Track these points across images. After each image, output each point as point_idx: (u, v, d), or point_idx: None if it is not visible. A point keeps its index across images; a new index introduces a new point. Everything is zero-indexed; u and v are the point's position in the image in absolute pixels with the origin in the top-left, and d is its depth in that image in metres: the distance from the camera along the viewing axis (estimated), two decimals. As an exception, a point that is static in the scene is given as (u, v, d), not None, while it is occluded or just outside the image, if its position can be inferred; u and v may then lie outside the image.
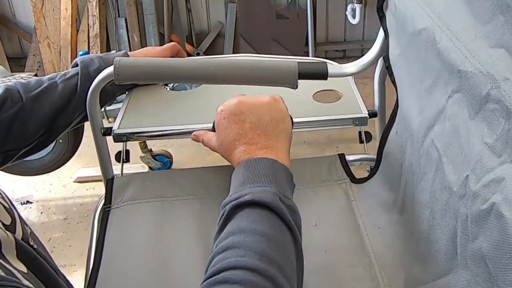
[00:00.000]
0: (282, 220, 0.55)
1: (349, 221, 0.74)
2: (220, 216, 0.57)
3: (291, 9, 2.71)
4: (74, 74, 0.82)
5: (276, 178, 0.59)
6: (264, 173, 0.59)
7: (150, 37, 2.65)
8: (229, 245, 0.52)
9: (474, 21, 0.52)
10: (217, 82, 0.76)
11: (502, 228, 0.41)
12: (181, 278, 0.67)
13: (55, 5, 2.51)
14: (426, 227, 0.60)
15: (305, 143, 2.17)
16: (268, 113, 0.66)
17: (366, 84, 1.07)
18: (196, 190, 0.79)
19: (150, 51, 0.92)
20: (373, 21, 2.77)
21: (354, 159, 0.88)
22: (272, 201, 0.55)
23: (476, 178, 0.47)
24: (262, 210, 0.55)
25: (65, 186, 2.06)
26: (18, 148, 0.78)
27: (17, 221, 0.51)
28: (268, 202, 0.55)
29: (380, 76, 0.86)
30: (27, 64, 2.68)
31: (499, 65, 0.46)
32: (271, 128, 0.65)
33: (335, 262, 0.68)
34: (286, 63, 0.73)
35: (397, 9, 0.73)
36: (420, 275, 0.61)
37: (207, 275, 0.50)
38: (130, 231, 0.74)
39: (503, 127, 0.44)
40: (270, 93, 0.70)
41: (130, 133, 0.83)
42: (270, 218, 0.55)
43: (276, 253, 0.52)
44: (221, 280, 0.48)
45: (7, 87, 0.76)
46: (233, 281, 0.47)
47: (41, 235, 1.80)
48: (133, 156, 0.91)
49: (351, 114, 0.85)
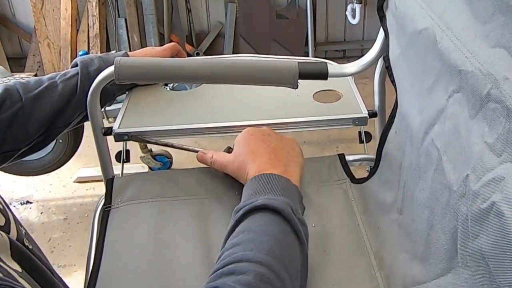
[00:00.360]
0: (291, 227, 0.57)
1: (348, 221, 0.74)
2: (232, 220, 0.59)
3: (291, 9, 2.71)
4: (74, 74, 0.82)
5: (289, 194, 0.62)
6: (277, 187, 0.62)
7: (150, 37, 2.65)
8: (238, 242, 0.54)
9: (474, 21, 0.52)
10: (217, 82, 0.76)
11: (503, 227, 0.41)
12: (181, 278, 0.67)
13: (55, 5, 2.51)
14: (426, 227, 0.60)
15: (305, 143, 2.17)
16: (289, 145, 0.73)
17: (366, 84, 1.07)
18: (196, 190, 0.79)
19: (150, 51, 0.92)
20: (373, 21, 2.77)
21: (354, 159, 0.88)
22: (284, 208, 0.57)
23: (476, 177, 0.47)
24: (273, 215, 0.57)
25: (65, 186, 2.05)
26: (17, 148, 0.78)
27: (11, 222, 0.51)
28: (280, 208, 0.57)
29: (380, 76, 0.86)
30: (27, 64, 2.68)
31: (499, 64, 0.46)
32: (289, 157, 0.70)
33: (334, 262, 0.68)
34: (287, 63, 0.73)
35: (398, 9, 0.73)
36: (420, 274, 0.61)
37: (215, 269, 0.51)
38: (130, 231, 0.74)
39: (504, 126, 0.44)
40: (270, 93, 0.71)
41: (131, 133, 0.83)
42: (280, 224, 0.56)
43: (282, 252, 0.53)
44: (228, 272, 0.49)
45: (6, 87, 0.76)
46: (239, 272, 0.49)
47: (41, 235, 1.80)
48: (133, 156, 0.91)
49: (351, 114, 0.85)
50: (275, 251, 0.52)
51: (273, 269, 0.50)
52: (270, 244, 0.53)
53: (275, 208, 0.57)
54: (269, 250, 0.52)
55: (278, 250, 0.53)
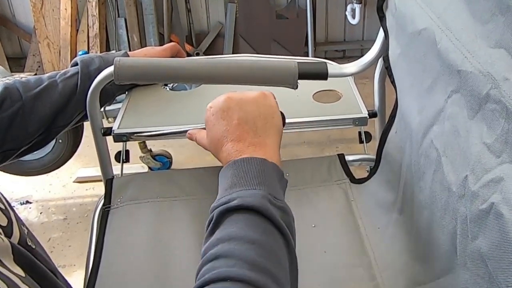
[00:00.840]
0: (272, 224, 0.53)
1: (348, 221, 0.74)
2: (209, 221, 0.55)
3: (291, 9, 2.71)
4: (74, 73, 0.82)
5: (266, 179, 0.57)
6: (253, 175, 0.57)
7: (150, 37, 2.65)
8: (218, 253, 0.50)
9: (474, 21, 0.52)
10: (217, 82, 0.76)
11: (502, 227, 0.41)
12: (180, 278, 0.67)
13: (55, 5, 2.51)
14: (426, 227, 0.60)
15: (305, 143, 2.17)
16: (256, 109, 0.64)
17: (366, 84, 1.07)
18: (195, 190, 0.79)
19: (150, 51, 0.92)
20: (372, 21, 2.77)
21: (354, 159, 0.88)
22: (262, 205, 0.53)
23: (475, 178, 0.47)
24: (251, 215, 0.53)
25: (65, 186, 2.05)
26: (17, 147, 0.77)
27: (13, 222, 0.51)
28: (257, 206, 0.53)
29: (380, 76, 0.86)
30: (27, 64, 2.68)
31: (499, 65, 0.46)
32: (260, 124, 0.63)
33: (334, 262, 0.68)
34: (286, 63, 0.73)
35: (397, 9, 0.73)
36: (420, 275, 0.61)
37: (196, 286, 0.48)
38: (130, 231, 0.74)
39: (503, 127, 0.44)
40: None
41: (130, 133, 0.83)
42: (260, 223, 0.53)
43: (267, 261, 0.50)
44: None
45: (6, 86, 0.76)
46: None
47: (41, 235, 1.80)
48: (133, 156, 0.91)
49: (351, 114, 0.85)
50: (260, 262, 0.49)
51: (259, 285, 0.47)
52: (252, 254, 0.49)
53: (250, 206, 0.53)
54: (253, 263, 0.49)
55: (263, 259, 0.50)
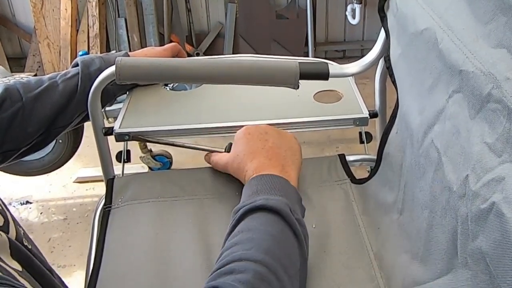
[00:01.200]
0: (290, 227, 0.57)
1: (349, 221, 0.74)
2: (232, 220, 0.59)
3: (291, 9, 2.71)
4: (75, 74, 0.82)
5: (288, 194, 0.62)
6: (277, 187, 0.62)
7: (150, 37, 2.65)
8: (237, 241, 0.54)
9: (475, 21, 0.52)
10: (217, 82, 0.76)
11: (503, 227, 0.41)
12: (181, 278, 0.67)
13: (55, 5, 2.51)
14: (426, 227, 0.60)
15: (305, 143, 2.17)
16: (287, 143, 0.72)
17: (367, 85, 1.07)
18: (196, 190, 0.79)
19: (151, 51, 0.92)
20: (373, 21, 2.77)
21: (355, 159, 0.88)
22: (283, 208, 0.57)
23: (476, 177, 0.47)
24: (272, 216, 0.57)
25: (65, 186, 2.05)
26: (17, 148, 0.77)
27: (10, 222, 0.51)
28: (279, 209, 0.57)
29: (381, 76, 0.86)
30: (27, 64, 2.68)
31: (500, 65, 0.46)
32: (289, 155, 0.70)
33: (334, 262, 0.68)
34: (288, 63, 0.73)
35: (399, 9, 0.73)
36: (420, 275, 0.61)
37: (214, 268, 0.52)
38: (130, 231, 0.74)
39: (504, 126, 0.44)
40: (271, 93, 0.71)
41: (131, 133, 0.83)
42: (279, 223, 0.57)
43: (281, 252, 0.54)
44: (227, 271, 0.50)
45: (6, 87, 0.76)
46: (238, 271, 0.49)
47: (41, 235, 1.80)
48: (133, 156, 0.91)
49: (352, 115, 0.85)
50: (274, 251, 0.53)
51: (271, 268, 0.50)
52: (268, 244, 0.53)
53: (273, 208, 0.57)
54: (268, 250, 0.52)
55: (277, 250, 0.53)
